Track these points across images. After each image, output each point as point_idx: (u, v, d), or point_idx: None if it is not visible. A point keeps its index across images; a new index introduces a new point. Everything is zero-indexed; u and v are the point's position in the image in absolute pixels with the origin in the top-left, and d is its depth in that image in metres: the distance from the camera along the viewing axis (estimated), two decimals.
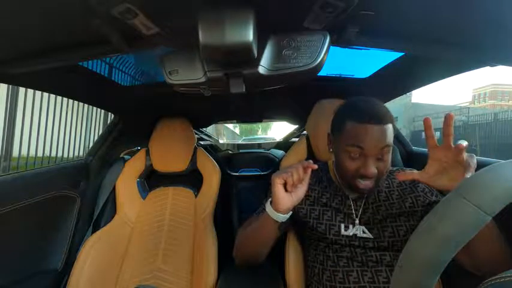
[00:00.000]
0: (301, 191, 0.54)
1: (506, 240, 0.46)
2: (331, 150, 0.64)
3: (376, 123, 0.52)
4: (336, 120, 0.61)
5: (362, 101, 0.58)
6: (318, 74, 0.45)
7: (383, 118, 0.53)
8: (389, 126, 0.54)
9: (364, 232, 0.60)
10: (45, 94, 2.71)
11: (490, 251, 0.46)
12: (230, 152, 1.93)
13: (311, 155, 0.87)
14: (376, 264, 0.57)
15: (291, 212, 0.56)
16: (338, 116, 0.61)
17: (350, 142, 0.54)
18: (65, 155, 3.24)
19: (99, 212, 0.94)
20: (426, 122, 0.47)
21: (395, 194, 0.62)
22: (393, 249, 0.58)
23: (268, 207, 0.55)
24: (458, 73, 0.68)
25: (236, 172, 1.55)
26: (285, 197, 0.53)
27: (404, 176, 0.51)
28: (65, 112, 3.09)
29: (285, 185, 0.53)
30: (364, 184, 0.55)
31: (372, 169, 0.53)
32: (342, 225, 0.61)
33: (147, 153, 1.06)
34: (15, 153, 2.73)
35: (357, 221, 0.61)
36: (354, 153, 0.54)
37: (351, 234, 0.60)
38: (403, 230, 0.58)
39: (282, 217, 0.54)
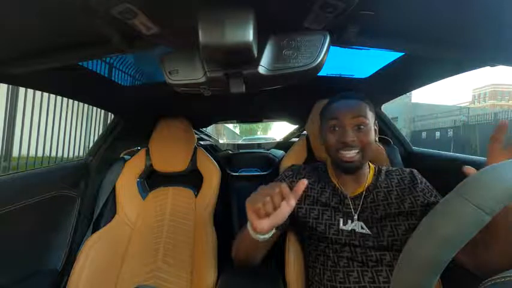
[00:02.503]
0: (283, 211, 0.46)
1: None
2: (322, 141, 0.69)
3: (348, 99, 0.63)
4: (321, 111, 0.70)
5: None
6: (318, 74, 0.45)
7: (355, 96, 0.64)
8: (363, 103, 0.62)
9: (362, 228, 0.60)
10: (45, 94, 2.71)
11: (502, 248, 0.45)
12: (230, 152, 1.93)
13: (311, 155, 0.88)
14: (376, 264, 0.57)
15: (273, 231, 0.52)
16: (322, 108, 0.70)
17: (328, 117, 0.64)
18: (65, 155, 3.24)
19: (99, 212, 0.94)
20: (502, 125, 0.46)
21: (394, 194, 0.62)
22: (393, 249, 0.58)
23: (249, 226, 0.52)
24: (458, 73, 0.69)
25: (236, 172, 1.55)
26: (261, 223, 0.47)
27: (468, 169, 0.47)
28: (65, 112, 3.09)
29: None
30: (348, 156, 0.59)
31: (350, 136, 0.58)
32: (341, 221, 0.62)
33: (147, 153, 1.06)
34: (15, 153, 2.72)
35: (356, 217, 0.61)
36: (333, 125, 0.62)
37: (349, 229, 0.60)
38: (402, 229, 0.58)
39: (262, 238, 0.51)
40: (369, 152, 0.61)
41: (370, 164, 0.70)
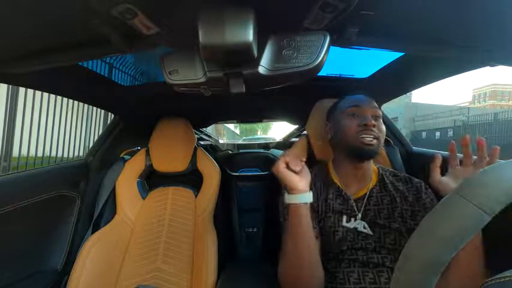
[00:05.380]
0: (305, 170, 0.57)
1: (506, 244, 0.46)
2: (329, 136, 0.71)
3: (364, 95, 0.68)
4: (331, 108, 0.74)
5: None
6: (318, 74, 0.45)
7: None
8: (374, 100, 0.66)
9: (365, 228, 0.59)
10: (45, 94, 2.71)
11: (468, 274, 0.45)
12: (230, 152, 1.93)
13: (311, 155, 0.87)
14: (378, 265, 0.57)
15: (311, 193, 0.56)
16: (332, 106, 0.74)
17: (346, 106, 0.66)
18: (65, 155, 3.24)
19: (99, 212, 0.94)
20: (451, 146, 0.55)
21: (398, 203, 0.61)
22: (395, 253, 0.57)
23: (291, 197, 0.55)
24: (458, 73, 0.68)
25: (236, 172, 1.55)
26: (297, 176, 0.55)
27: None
28: (65, 112, 3.09)
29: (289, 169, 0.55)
30: (368, 139, 0.60)
31: (372, 120, 0.61)
32: (344, 218, 0.61)
33: (147, 153, 1.06)
34: (15, 153, 2.72)
35: (359, 216, 0.61)
36: (353, 112, 0.64)
37: (351, 227, 0.60)
38: (404, 239, 0.57)
39: (308, 195, 0.55)
40: (381, 143, 0.62)
41: (373, 165, 0.69)
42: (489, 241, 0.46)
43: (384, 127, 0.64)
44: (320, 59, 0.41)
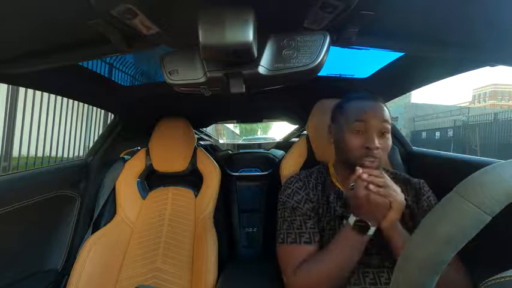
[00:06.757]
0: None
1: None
2: (332, 140, 0.67)
3: (373, 101, 0.60)
4: (337, 109, 0.67)
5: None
6: (318, 74, 0.45)
7: (378, 99, 0.61)
8: (385, 107, 0.60)
9: None
10: (45, 94, 2.71)
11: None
12: (230, 152, 1.93)
13: (311, 155, 0.87)
14: (378, 266, 0.57)
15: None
16: (338, 105, 0.67)
17: (353, 118, 0.59)
18: (65, 155, 3.24)
19: (99, 212, 0.94)
20: None
21: None
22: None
23: (363, 228, 0.52)
24: (458, 73, 0.69)
25: (236, 172, 1.55)
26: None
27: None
28: (65, 112, 3.09)
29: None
30: (369, 162, 0.56)
31: (376, 142, 0.55)
32: (344, 220, 0.61)
33: (147, 153, 1.06)
34: (15, 153, 2.72)
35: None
36: (358, 127, 0.58)
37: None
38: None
39: (371, 232, 0.53)
40: (383, 159, 0.59)
41: None
42: (489, 241, 0.46)
43: (390, 142, 0.59)
44: (320, 59, 0.41)
